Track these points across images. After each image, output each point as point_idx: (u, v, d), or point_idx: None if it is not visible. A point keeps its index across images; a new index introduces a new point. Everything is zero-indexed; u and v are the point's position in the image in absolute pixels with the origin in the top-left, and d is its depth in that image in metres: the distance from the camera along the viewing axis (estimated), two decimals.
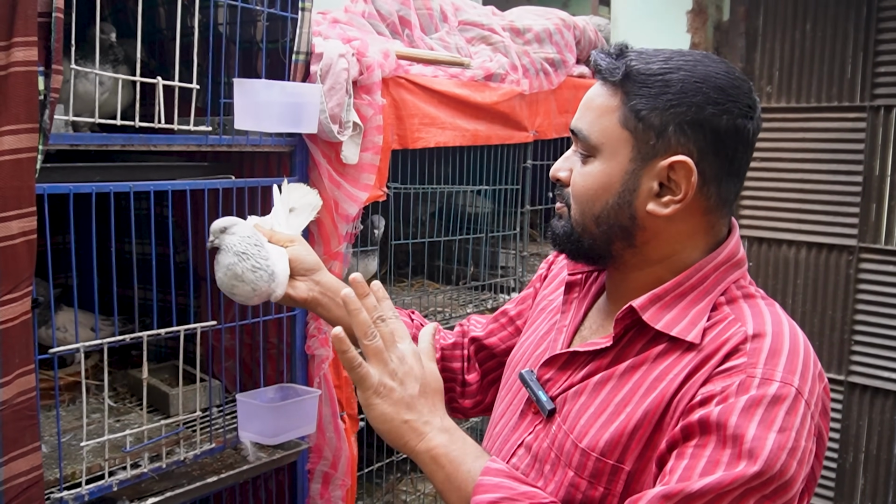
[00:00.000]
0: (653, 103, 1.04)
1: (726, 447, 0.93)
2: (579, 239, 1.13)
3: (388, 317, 1.11)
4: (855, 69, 3.14)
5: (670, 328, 1.05)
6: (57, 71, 1.32)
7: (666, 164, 1.05)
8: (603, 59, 1.08)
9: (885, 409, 3.19)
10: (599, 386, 1.09)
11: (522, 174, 2.68)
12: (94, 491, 1.51)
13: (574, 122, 1.13)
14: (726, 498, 0.92)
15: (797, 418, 0.94)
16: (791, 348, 0.99)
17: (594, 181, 1.09)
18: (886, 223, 3.12)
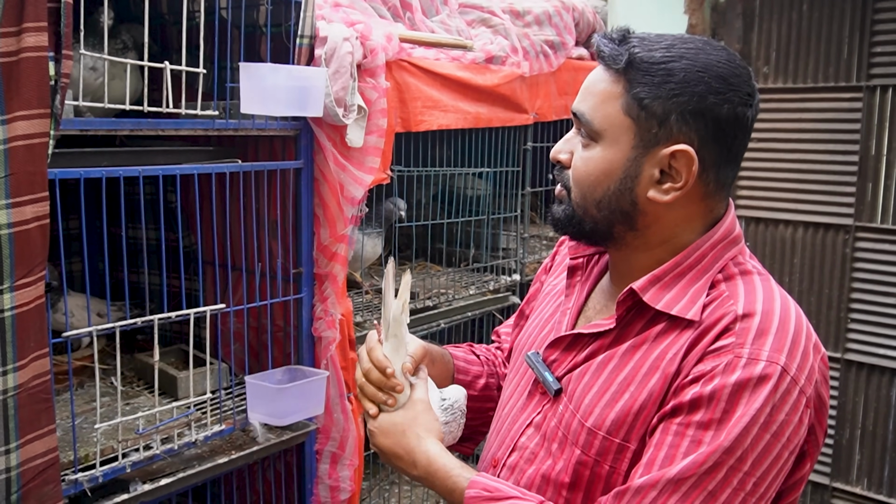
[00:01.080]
0: (656, 92, 1.05)
1: (709, 429, 0.98)
2: (581, 221, 1.15)
3: None
4: (851, 49, 3.15)
5: (670, 307, 1.08)
6: (67, 56, 1.32)
7: (668, 153, 1.07)
8: (606, 45, 1.09)
9: (882, 385, 3.23)
10: (602, 366, 1.12)
11: (523, 156, 2.69)
12: (107, 473, 1.53)
13: (576, 104, 1.13)
14: (708, 479, 0.97)
15: (778, 395, 0.98)
16: (780, 326, 1.02)
17: (596, 166, 1.11)
18: (882, 202, 3.14)
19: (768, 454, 0.98)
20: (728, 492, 0.97)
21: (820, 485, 3.40)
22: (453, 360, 1.42)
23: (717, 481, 0.97)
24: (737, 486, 0.97)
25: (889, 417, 3.22)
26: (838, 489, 3.37)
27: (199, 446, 1.74)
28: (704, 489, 0.97)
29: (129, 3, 2.03)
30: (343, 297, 1.93)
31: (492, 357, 1.51)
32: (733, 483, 0.97)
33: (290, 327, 1.95)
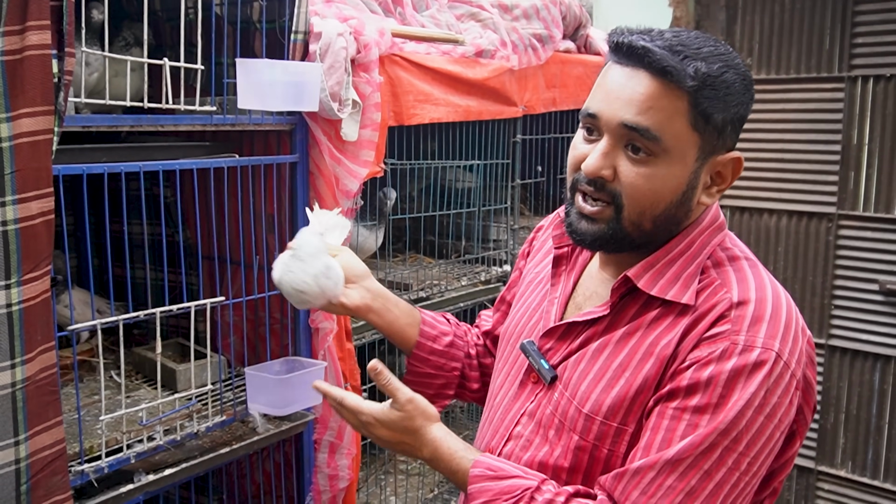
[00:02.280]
0: (719, 106, 1.07)
1: (705, 413, 1.02)
2: (629, 236, 1.13)
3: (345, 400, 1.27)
4: (833, 41, 3.21)
5: (664, 293, 1.11)
6: (70, 54, 1.34)
7: (725, 160, 1.12)
8: (666, 58, 1.06)
9: (864, 370, 3.30)
10: (598, 352, 1.15)
11: (512, 149, 2.72)
12: (113, 463, 1.55)
13: (634, 118, 1.07)
14: (704, 459, 1.01)
15: (772, 379, 1.02)
16: (773, 312, 1.06)
17: (663, 184, 1.09)
18: (864, 190, 3.21)
19: (762, 435, 1.02)
20: (723, 471, 1.01)
21: (805, 468, 3.47)
22: (421, 313, 1.48)
23: (712, 461, 1.01)
24: (732, 466, 1.02)
25: (872, 402, 3.29)
26: (823, 472, 3.44)
27: (200, 437, 1.77)
28: (701, 469, 1.01)
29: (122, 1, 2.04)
30: None
31: (465, 328, 1.57)
32: (728, 463, 1.02)
33: (288, 319, 1.98)
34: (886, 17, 3.07)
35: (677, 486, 1.01)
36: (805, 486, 3.49)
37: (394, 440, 1.22)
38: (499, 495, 1.10)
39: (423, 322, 1.48)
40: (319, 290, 1.35)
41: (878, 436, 3.29)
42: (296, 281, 1.35)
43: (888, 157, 3.14)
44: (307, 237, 1.39)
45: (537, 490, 1.09)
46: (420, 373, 1.49)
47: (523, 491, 1.09)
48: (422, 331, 1.47)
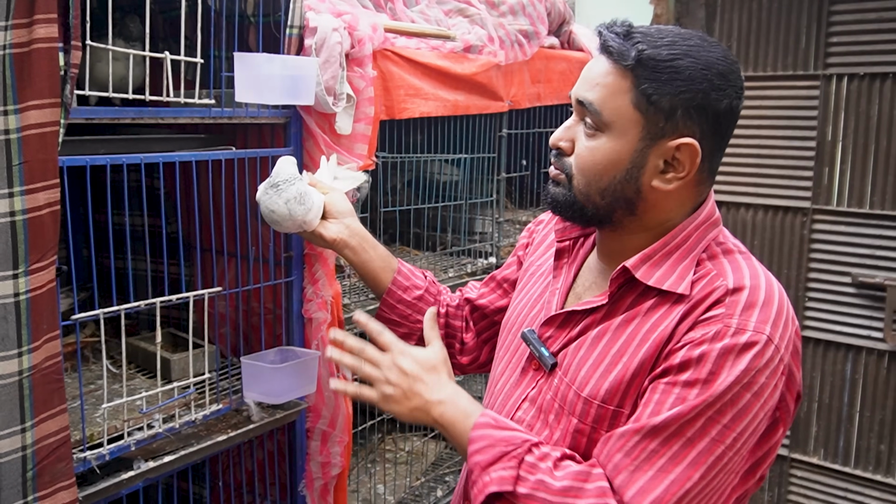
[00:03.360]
0: (663, 89, 1.13)
1: (694, 387, 1.07)
2: (582, 207, 1.21)
3: (367, 345, 1.32)
4: (809, 39, 3.29)
5: (661, 283, 1.17)
6: (76, 47, 1.36)
7: (674, 145, 1.15)
8: (613, 40, 1.15)
9: (837, 360, 3.39)
10: (597, 340, 1.20)
11: (498, 143, 2.77)
12: (114, 451, 1.58)
13: (581, 93, 1.19)
14: (688, 428, 1.06)
15: (762, 360, 1.07)
16: (766, 299, 1.11)
17: (603, 156, 1.17)
18: (838, 186, 3.30)
19: (748, 412, 1.07)
20: (706, 441, 1.05)
21: (779, 455, 3.56)
22: (399, 264, 1.61)
23: (695, 429, 1.06)
24: (715, 437, 1.05)
25: (844, 391, 3.39)
26: (796, 459, 3.54)
27: (196, 426, 1.79)
28: (684, 436, 1.06)
29: None
30: (333, 278, 1.99)
31: (440, 288, 1.67)
32: (712, 433, 1.05)
33: (281, 310, 2.01)
34: (861, 17, 3.16)
35: (660, 451, 1.06)
36: (779, 473, 3.59)
37: (415, 374, 1.25)
38: (499, 442, 1.14)
39: (399, 272, 1.61)
40: (289, 213, 1.50)
41: (849, 424, 3.39)
42: (269, 202, 1.51)
43: (861, 153, 3.23)
44: (284, 165, 1.55)
45: (536, 445, 1.14)
46: (386, 318, 1.62)
47: (524, 441, 1.14)
48: (395, 279, 1.60)
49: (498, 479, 1.11)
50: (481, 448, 1.14)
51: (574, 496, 1.07)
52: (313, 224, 1.54)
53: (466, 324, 1.63)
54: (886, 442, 3.30)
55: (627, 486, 1.06)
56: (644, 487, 1.05)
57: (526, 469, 1.11)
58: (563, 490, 1.08)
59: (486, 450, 1.14)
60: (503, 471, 1.11)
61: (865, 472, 3.36)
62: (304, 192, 1.52)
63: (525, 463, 1.11)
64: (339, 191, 1.61)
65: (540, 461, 1.12)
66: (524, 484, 1.10)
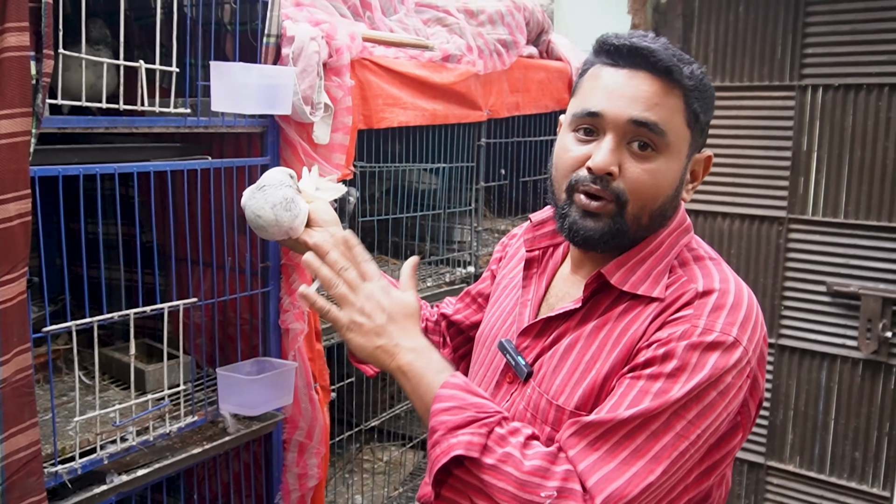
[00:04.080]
0: (704, 106, 1.18)
1: (658, 380, 1.06)
2: (627, 232, 1.18)
3: (349, 266, 1.23)
4: (784, 50, 3.32)
5: (636, 288, 1.17)
6: (48, 56, 1.34)
7: (703, 158, 1.23)
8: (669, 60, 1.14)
9: (812, 368, 3.42)
10: (570, 347, 1.20)
11: (477, 152, 2.77)
12: (86, 465, 1.55)
13: (638, 113, 1.13)
14: (653, 422, 1.05)
15: (730, 360, 1.07)
16: (734, 303, 1.12)
17: (663, 178, 1.16)
18: (813, 195, 3.33)
19: (712, 410, 1.07)
20: (671, 435, 1.05)
21: (755, 463, 3.59)
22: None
23: (660, 423, 1.05)
24: (680, 432, 1.05)
25: (819, 399, 3.42)
26: (772, 467, 3.56)
27: (171, 438, 1.77)
28: (648, 430, 1.05)
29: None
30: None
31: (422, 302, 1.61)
32: (676, 428, 1.05)
33: (258, 320, 1.99)
34: (835, 29, 3.20)
35: (624, 443, 1.05)
36: (755, 481, 3.61)
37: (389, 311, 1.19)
38: (471, 406, 1.10)
39: None
40: (275, 219, 1.45)
41: (824, 431, 3.42)
42: (255, 206, 1.46)
43: (836, 163, 3.26)
44: (274, 171, 1.51)
45: (506, 419, 1.11)
46: None
47: (496, 412, 1.10)
48: None
49: (466, 443, 1.06)
50: (450, 408, 1.10)
51: (542, 476, 1.04)
52: (298, 231, 1.51)
53: (444, 340, 1.62)
54: (861, 449, 3.32)
55: (590, 473, 1.04)
56: (607, 476, 1.03)
57: (495, 440, 1.07)
58: (532, 469, 1.05)
59: (454, 410, 1.09)
60: (472, 436, 1.07)
61: (840, 479, 3.38)
62: (292, 199, 1.48)
63: (495, 433, 1.08)
64: (322, 199, 1.59)
65: (511, 435, 1.09)
66: (491, 454, 1.06)
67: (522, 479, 1.04)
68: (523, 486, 1.03)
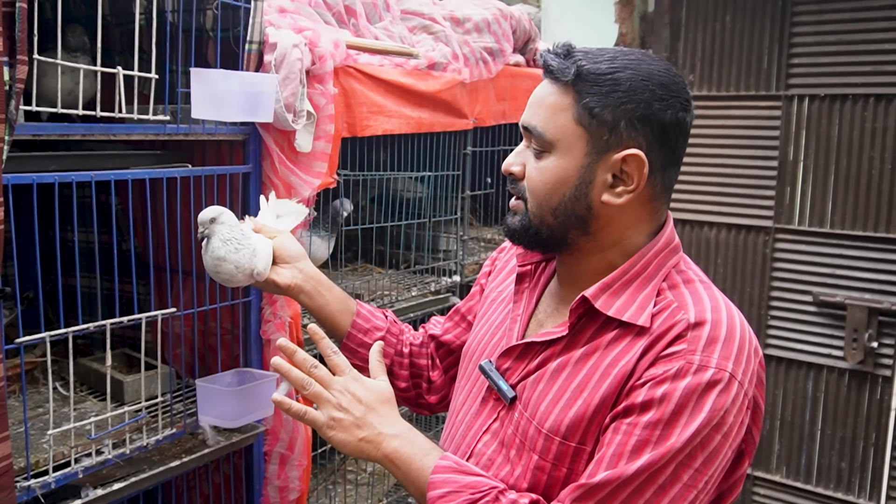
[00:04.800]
0: (604, 101, 1.12)
1: (657, 428, 1.04)
2: (537, 231, 1.20)
3: (319, 363, 1.25)
4: (771, 60, 3.33)
5: (621, 314, 1.14)
6: (22, 61, 1.32)
7: (619, 157, 1.14)
8: (553, 60, 1.16)
9: (799, 378, 3.41)
10: (556, 373, 1.17)
11: (463, 160, 2.75)
12: (60, 479, 1.52)
13: (526, 118, 1.19)
14: (660, 475, 1.03)
15: (728, 398, 1.05)
16: (728, 334, 1.09)
17: (551, 175, 1.16)
18: (800, 205, 3.34)
19: (718, 454, 1.05)
20: (678, 487, 1.03)
21: None
22: (358, 306, 1.53)
23: (666, 476, 1.03)
24: (687, 482, 1.04)
25: (805, 409, 3.41)
26: (759, 478, 3.55)
27: (149, 450, 1.74)
28: (656, 483, 1.03)
29: (70, 4, 2.01)
30: (291, 300, 1.95)
31: (401, 327, 1.60)
32: (683, 479, 1.04)
33: (238, 330, 1.96)
34: (821, 40, 3.20)
35: (633, 499, 1.04)
36: (742, 492, 3.59)
37: (366, 402, 1.20)
38: (465, 488, 1.11)
39: (358, 314, 1.53)
40: (233, 265, 1.44)
41: (810, 441, 3.41)
42: (208, 261, 1.46)
43: (822, 173, 3.26)
44: (226, 215, 1.49)
45: (503, 492, 1.11)
46: None
47: (490, 488, 1.11)
48: (354, 322, 1.52)
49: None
50: (445, 494, 1.11)
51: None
52: (265, 273, 1.47)
53: (432, 361, 1.58)
54: (847, 460, 3.32)
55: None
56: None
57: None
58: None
59: (450, 496, 1.10)
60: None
61: (827, 489, 3.38)
62: (236, 238, 1.45)
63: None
64: (286, 232, 1.54)
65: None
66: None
67: None
68: None
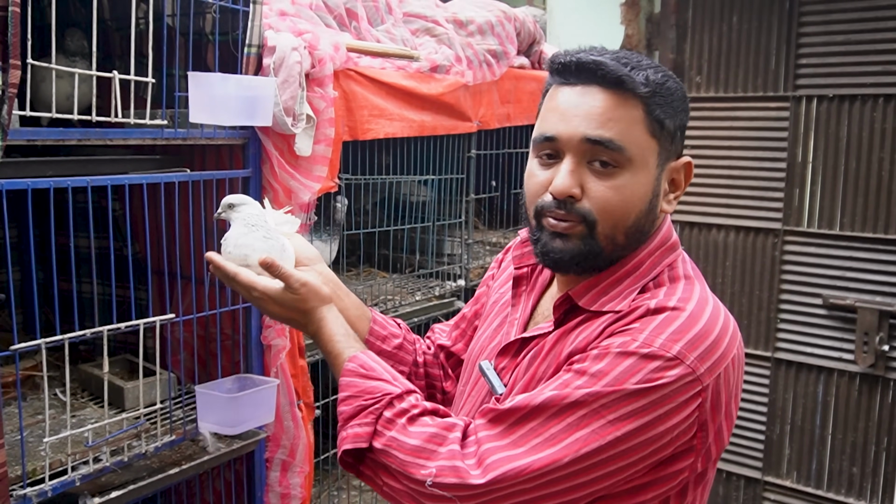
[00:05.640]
0: (668, 111, 1.12)
1: (582, 375, 1.04)
2: (601, 253, 1.13)
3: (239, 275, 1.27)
4: (779, 60, 3.29)
5: (603, 307, 1.13)
6: (15, 66, 1.31)
7: (679, 165, 1.16)
8: (619, 70, 1.09)
9: (809, 382, 3.37)
10: (531, 362, 1.17)
11: (467, 164, 2.73)
12: (56, 487, 1.51)
13: (591, 131, 1.09)
14: (569, 413, 1.02)
15: (668, 375, 1.01)
16: (686, 322, 1.06)
17: (631, 193, 1.11)
18: (809, 207, 3.29)
19: (638, 418, 1.01)
20: (585, 431, 1.01)
21: (752, 479, 3.53)
22: (372, 312, 1.48)
23: (577, 416, 1.02)
24: (597, 430, 1.01)
25: (816, 413, 3.37)
26: (770, 483, 3.50)
27: (148, 457, 1.73)
28: (563, 420, 1.02)
29: (71, 9, 2.00)
30: None
31: (414, 336, 1.55)
32: (593, 426, 1.01)
33: (239, 336, 1.95)
34: (829, 40, 3.17)
35: (538, 430, 1.03)
36: (752, 497, 3.55)
37: (284, 316, 1.27)
38: (362, 393, 1.13)
39: (374, 321, 1.46)
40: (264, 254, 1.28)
41: (821, 446, 3.37)
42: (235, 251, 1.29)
43: (831, 174, 3.22)
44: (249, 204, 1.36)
45: (398, 397, 1.12)
46: None
47: (384, 394, 1.12)
48: (371, 329, 1.45)
49: (353, 436, 1.11)
50: (345, 398, 1.15)
51: (425, 458, 1.06)
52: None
53: (445, 372, 1.54)
54: (859, 464, 3.27)
55: (490, 454, 1.04)
56: (506, 458, 1.03)
57: (383, 424, 1.10)
58: (414, 450, 1.07)
59: (348, 401, 1.14)
60: (359, 427, 1.11)
61: (838, 495, 3.33)
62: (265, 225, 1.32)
63: (383, 418, 1.11)
64: (299, 235, 1.44)
65: (397, 417, 1.10)
66: (379, 439, 1.10)
67: (408, 460, 1.07)
68: (406, 465, 1.07)
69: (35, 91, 1.54)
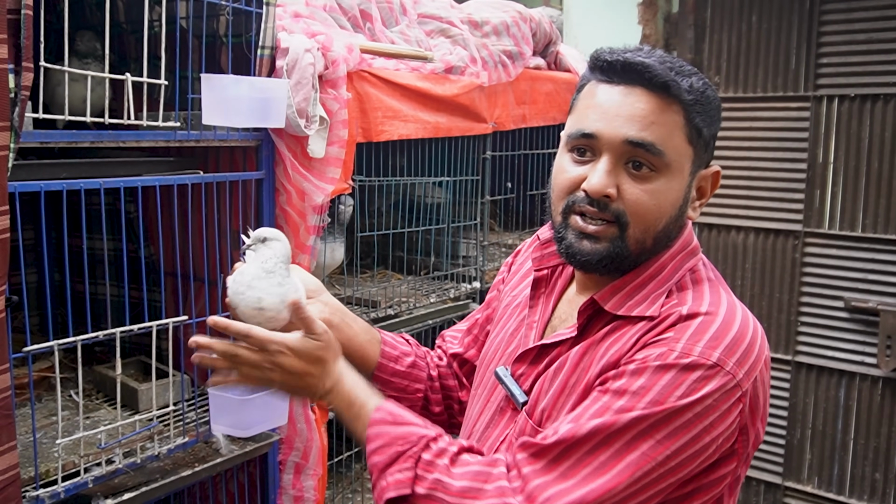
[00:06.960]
0: (706, 119, 1.12)
1: (622, 396, 1.01)
2: (629, 256, 1.12)
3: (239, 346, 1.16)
4: (799, 60, 3.25)
5: (631, 311, 1.11)
6: (27, 69, 1.31)
7: (709, 174, 1.17)
8: (667, 74, 1.08)
9: (830, 386, 3.32)
10: (557, 371, 1.15)
11: (482, 165, 2.72)
12: (69, 488, 1.51)
13: (633, 133, 1.08)
14: (616, 440, 1.00)
15: (710, 384, 1.01)
16: (721, 327, 1.05)
17: (665, 198, 1.11)
18: (830, 208, 3.25)
19: (686, 432, 1.00)
20: (635, 455, 1.00)
21: (772, 484, 3.49)
22: (380, 333, 1.44)
23: (624, 441, 1.00)
24: (646, 452, 1.00)
25: (838, 417, 3.32)
26: (790, 488, 3.46)
27: (161, 459, 1.73)
28: (611, 448, 1.00)
29: (87, 12, 2.01)
30: None
31: (424, 350, 1.53)
32: (642, 448, 1.00)
33: None
34: (850, 39, 3.12)
35: (585, 460, 1.00)
36: (772, 502, 3.51)
37: (301, 371, 1.15)
38: (395, 440, 1.08)
39: (384, 342, 1.43)
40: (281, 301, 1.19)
41: (843, 451, 3.32)
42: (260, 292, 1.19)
43: (853, 175, 3.18)
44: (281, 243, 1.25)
45: (433, 440, 1.08)
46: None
47: (420, 437, 1.08)
48: (382, 351, 1.42)
49: (395, 483, 1.05)
50: (378, 448, 1.09)
51: (473, 497, 1.02)
52: None
53: (459, 382, 1.52)
54: (881, 470, 3.22)
55: (543, 490, 1.00)
56: (560, 492, 1.00)
57: (423, 468, 1.06)
58: (461, 491, 1.03)
59: (382, 450, 1.08)
60: (399, 473, 1.06)
61: (860, 501, 3.28)
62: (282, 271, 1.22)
63: (422, 461, 1.06)
64: (298, 267, 1.35)
65: (437, 458, 1.06)
66: (422, 484, 1.05)
67: (454, 502, 1.03)
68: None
69: (51, 94, 1.55)
